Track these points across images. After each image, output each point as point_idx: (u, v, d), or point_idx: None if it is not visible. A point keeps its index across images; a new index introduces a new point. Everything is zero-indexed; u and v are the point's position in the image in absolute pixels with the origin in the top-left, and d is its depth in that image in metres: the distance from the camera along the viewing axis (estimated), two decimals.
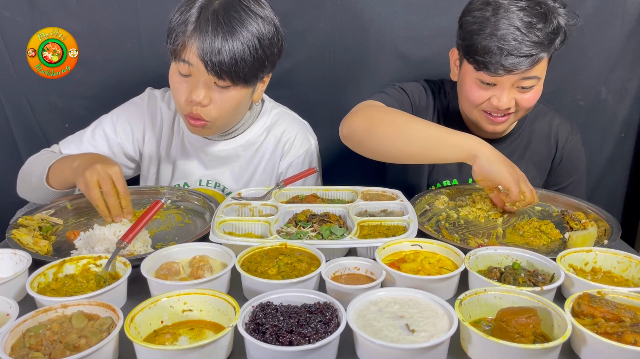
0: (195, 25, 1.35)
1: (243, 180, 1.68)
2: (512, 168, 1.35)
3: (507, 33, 1.39)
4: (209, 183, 1.68)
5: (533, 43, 1.39)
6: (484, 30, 1.42)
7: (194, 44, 1.35)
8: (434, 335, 0.87)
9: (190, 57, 1.37)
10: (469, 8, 1.50)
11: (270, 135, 1.67)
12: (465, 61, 1.50)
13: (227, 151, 1.64)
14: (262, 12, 1.40)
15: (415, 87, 1.72)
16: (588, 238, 1.28)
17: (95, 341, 0.85)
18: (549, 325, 0.92)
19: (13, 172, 1.61)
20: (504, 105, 1.46)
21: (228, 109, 1.46)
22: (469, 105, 1.54)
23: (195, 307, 0.96)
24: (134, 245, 1.23)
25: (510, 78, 1.44)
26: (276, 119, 1.68)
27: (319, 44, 1.99)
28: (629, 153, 2.22)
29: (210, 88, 1.41)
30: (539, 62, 1.42)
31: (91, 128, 1.65)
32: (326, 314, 0.90)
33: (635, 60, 2.06)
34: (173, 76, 1.46)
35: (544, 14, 1.40)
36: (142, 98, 1.69)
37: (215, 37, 1.33)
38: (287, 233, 1.23)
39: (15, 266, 1.12)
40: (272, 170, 1.69)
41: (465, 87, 1.53)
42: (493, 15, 1.41)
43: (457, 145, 1.37)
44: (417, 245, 1.17)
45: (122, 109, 1.68)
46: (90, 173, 1.31)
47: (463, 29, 1.49)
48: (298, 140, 1.67)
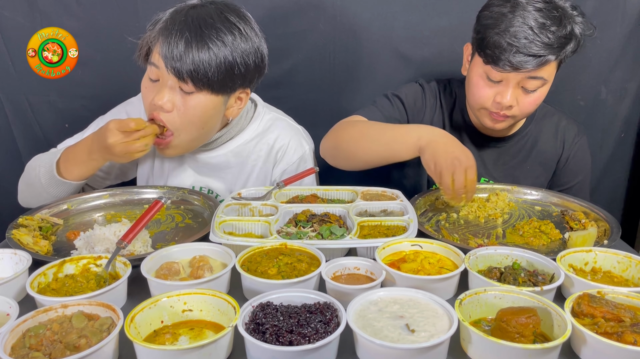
0: (164, 25, 1.36)
1: (236, 188, 1.63)
2: (442, 156, 1.32)
3: (519, 31, 1.40)
4: (202, 189, 1.64)
5: (543, 44, 1.39)
6: (499, 26, 1.43)
7: (159, 44, 1.36)
8: (434, 335, 0.87)
9: (156, 59, 1.37)
10: (489, 3, 1.51)
11: (262, 142, 1.62)
12: (477, 55, 1.51)
13: (218, 158, 1.60)
14: (242, 27, 1.39)
15: (410, 89, 1.73)
16: (588, 238, 1.28)
17: (95, 341, 0.85)
18: (549, 325, 0.92)
19: (13, 171, 1.61)
20: (507, 101, 1.46)
21: (191, 118, 1.41)
22: (475, 102, 1.55)
23: (195, 307, 0.96)
24: (134, 245, 1.23)
25: (516, 76, 1.44)
26: (269, 125, 1.63)
27: (319, 44, 1.99)
28: (629, 153, 2.22)
29: (175, 94, 1.39)
30: (546, 63, 1.42)
31: (90, 129, 1.63)
32: (326, 314, 0.90)
33: (635, 60, 2.06)
34: (143, 82, 1.45)
35: (559, 18, 1.41)
36: (139, 98, 1.66)
37: (180, 38, 1.33)
38: (287, 233, 1.23)
39: (15, 266, 1.12)
40: (265, 177, 1.65)
41: (472, 82, 1.54)
42: (510, 12, 1.42)
43: (404, 143, 1.42)
44: (417, 245, 1.17)
45: (120, 110, 1.67)
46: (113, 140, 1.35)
47: (479, 22, 1.51)
48: (291, 146, 1.63)
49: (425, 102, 1.71)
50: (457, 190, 1.31)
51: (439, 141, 1.37)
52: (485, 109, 1.53)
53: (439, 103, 1.73)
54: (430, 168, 1.34)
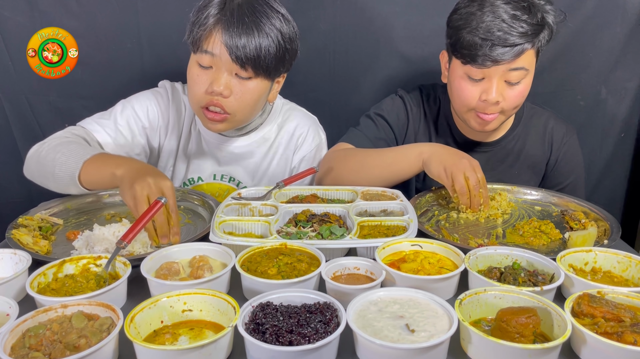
0: (220, 15, 1.38)
1: (258, 174, 1.71)
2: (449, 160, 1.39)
3: (492, 25, 1.42)
4: (223, 178, 1.70)
5: (518, 34, 1.41)
6: (470, 25, 1.45)
7: (219, 32, 1.38)
8: (434, 335, 0.87)
9: (214, 47, 1.39)
10: (455, 8, 1.54)
11: (283, 130, 1.70)
12: (454, 58, 1.52)
13: (243, 148, 1.67)
14: (281, 10, 1.45)
15: (391, 105, 1.74)
16: (588, 238, 1.28)
17: (95, 341, 0.85)
18: (549, 325, 0.92)
19: (13, 171, 1.61)
20: (493, 98, 1.47)
21: (248, 102, 1.47)
22: (461, 105, 1.55)
23: (195, 307, 0.96)
24: (134, 246, 1.23)
25: (498, 70, 1.45)
26: (287, 115, 1.72)
27: (319, 44, 1.99)
28: (629, 153, 2.22)
29: (232, 80, 1.43)
30: (523, 52, 1.43)
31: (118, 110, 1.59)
32: (326, 314, 0.90)
33: (635, 60, 2.06)
34: (192, 68, 1.47)
35: (528, 7, 1.43)
36: (165, 89, 1.67)
37: (241, 26, 1.36)
38: (287, 233, 1.23)
39: (15, 266, 1.12)
40: (286, 164, 1.73)
41: (454, 86, 1.54)
42: (479, 9, 1.45)
43: (406, 161, 1.49)
44: (417, 245, 1.17)
45: (149, 97, 1.64)
46: (141, 186, 1.20)
47: (450, 27, 1.53)
48: (310, 135, 1.72)
49: (408, 115, 1.73)
50: (473, 189, 1.36)
51: (441, 151, 1.45)
52: (472, 110, 1.53)
53: (423, 112, 1.74)
54: (442, 175, 1.39)
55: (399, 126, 1.72)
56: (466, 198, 1.38)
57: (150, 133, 1.64)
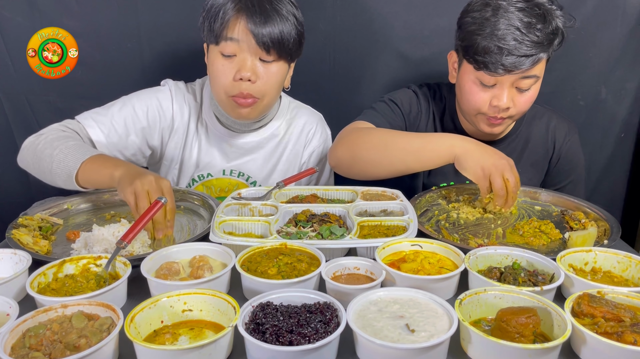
0: (240, 4, 1.42)
1: (267, 169, 1.72)
2: (488, 160, 1.35)
3: (507, 33, 1.40)
4: (232, 173, 1.71)
5: (533, 43, 1.39)
6: (484, 30, 1.42)
7: (242, 18, 1.41)
8: (434, 335, 0.87)
9: (238, 34, 1.42)
10: (467, 9, 1.51)
11: (292, 126, 1.74)
12: (465, 62, 1.51)
13: (253, 143, 1.69)
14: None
15: (405, 95, 1.72)
16: (588, 238, 1.28)
17: (95, 341, 0.85)
18: (548, 325, 0.92)
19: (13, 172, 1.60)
20: (504, 104, 1.46)
21: (273, 84, 1.51)
22: (471, 109, 1.54)
23: (195, 307, 0.96)
24: (133, 246, 1.23)
25: (510, 78, 1.44)
26: (295, 112, 1.76)
27: (319, 44, 1.99)
28: (629, 153, 2.22)
29: (256, 64, 1.46)
30: (539, 62, 1.42)
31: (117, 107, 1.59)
32: (326, 314, 0.90)
33: (635, 60, 2.06)
34: (216, 60, 1.48)
35: (543, 15, 1.41)
36: (168, 88, 1.67)
37: (262, 11, 1.41)
38: (287, 233, 1.23)
39: (15, 266, 1.12)
40: (295, 159, 1.76)
41: (465, 89, 1.53)
42: (493, 15, 1.42)
43: (435, 151, 1.43)
44: (417, 245, 1.17)
45: (149, 96, 1.64)
46: (142, 182, 1.25)
47: (462, 30, 1.50)
48: (318, 131, 1.77)
49: (421, 108, 1.71)
50: (512, 191, 1.34)
51: (475, 148, 1.39)
52: (482, 114, 1.53)
53: (431, 109, 1.73)
54: (479, 175, 1.35)
55: (411, 117, 1.70)
56: (503, 200, 1.36)
57: (150, 133, 1.64)
